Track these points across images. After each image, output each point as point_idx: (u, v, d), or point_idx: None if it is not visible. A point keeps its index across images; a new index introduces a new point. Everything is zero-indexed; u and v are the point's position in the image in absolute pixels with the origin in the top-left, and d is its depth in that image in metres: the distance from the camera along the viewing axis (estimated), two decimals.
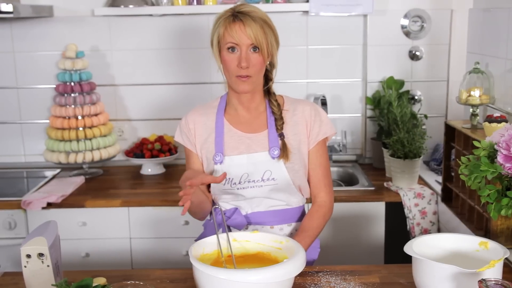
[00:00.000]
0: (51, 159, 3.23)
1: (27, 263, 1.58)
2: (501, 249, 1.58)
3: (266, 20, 1.87)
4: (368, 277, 1.79)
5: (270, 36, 1.87)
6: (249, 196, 1.95)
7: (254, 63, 1.85)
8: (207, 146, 1.98)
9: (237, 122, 1.99)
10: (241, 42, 1.83)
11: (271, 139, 1.94)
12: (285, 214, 2.00)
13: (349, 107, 3.44)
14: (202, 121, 2.00)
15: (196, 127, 2.00)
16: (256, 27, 1.83)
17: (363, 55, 3.38)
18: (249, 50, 1.85)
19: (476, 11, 2.84)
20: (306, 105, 2.01)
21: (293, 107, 2.00)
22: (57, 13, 3.34)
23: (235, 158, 1.93)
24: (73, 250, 2.90)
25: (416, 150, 2.89)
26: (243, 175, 1.93)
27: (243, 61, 1.83)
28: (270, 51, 1.89)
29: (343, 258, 2.89)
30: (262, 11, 1.90)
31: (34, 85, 3.44)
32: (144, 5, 3.20)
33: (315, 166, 2.00)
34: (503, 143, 1.60)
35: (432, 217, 2.85)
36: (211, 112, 2.01)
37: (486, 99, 2.56)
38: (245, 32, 1.82)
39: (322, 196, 2.02)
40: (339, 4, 3.22)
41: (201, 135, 1.99)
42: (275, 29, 1.92)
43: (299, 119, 1.98)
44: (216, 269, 1.48)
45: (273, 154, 1.92)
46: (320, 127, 1.98)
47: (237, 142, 1.95)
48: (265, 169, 1.93)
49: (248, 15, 1.84)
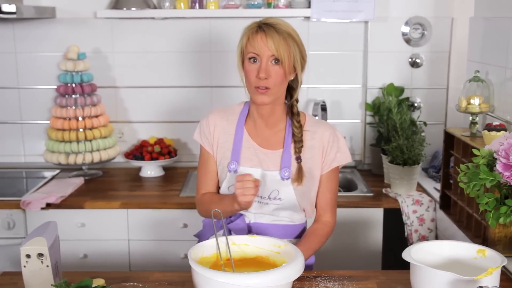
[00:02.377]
0: (51, 159, 3.24)
1: (27, 263, 1.58)
2: (498, 257, 1.59)
3: (291, 33, 1.84)
4: (366, 283, 1.79)
5: (294, 49, 1.85)
6: (254, 211, 1.97)
7: (274, 75, 1.83)
8: (223, 152, 1.99)
9: (256, 135, 1.99)
10: (261, 52, 1.82)
11: (284, 160, 1.94)
12: (287, 230, 2.01)
13: (349, 113, 3.45)
14: (223, 125, 2.01)
15: (216, 129, 2.00)
16: (278, 38, 1.81)
17: (364, 61, 3.39)
18: (270, 61, 1.83)
19: (477, 20, 2.85)
20: (326, 130, 1.99)
21: (314, 130, 1.99)
22: (60, 15, 3.35)
23: (248, 170, 1.93)
24: (72, 251, 2.90)
25: (415, 157, 2.90)
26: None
27: (262, 71, 1.82)
28: (292, 64, 1.86)
29: (341, 264, 2.90)
30: (290, 25, 1.88)
31: (35, 86, 3.44)
32: (146, 8, 3.21)
33: (325, 190, 2.01)
34: (502, 151, 1.61)
35: (430, 224, 2.86)
36: (233, 118, 2.01)
37: (485, 107, 2.57)
38: (266, 43, 1.81)
39: (328, 217, 2.04)
40: (340, 10, 3.24)
41: (219, 138, 2.00)
42: (301, 44, 1.89)
43: (316, 144, 1.97)
44: (215, 272, 1.49)
45: (284, 175, 1.92)
46: (336, 154, 1.98)
47: (252, 155, 1.96)
48: (273, 188, 1.94)
49: (273, 26, 1.83)
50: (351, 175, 3.34)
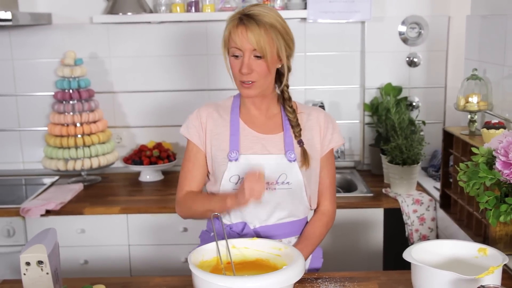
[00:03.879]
0: (50, 166, 3.23)
1: (27, 270, 1.57)
2: (500, 256, 1.58)
3: (273, 23, 1.79)
4: (367, 284, 1.79)
5: (277, 40, 1.80)
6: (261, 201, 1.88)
7: (257, 70, 1.81)
8: (218, 144, 1.93)
9: (252, 123, 1.95)
10: (243, 47, 1.79)
11: (287, 142, 1.91)
12: (292, 226, 1.97)
13: (347, 113, 3.45)
14: (215, 117, 1.96)
15: (208, 121, 1.96)
16: (259, 32, 1.76)
17: (361, 61, 3.39)
18: (252, 56, 1.80)
19: (473, 18, 2.85)
20: (320, 112, 2.00)
21: (308, 112, 1.98)
22: (56, 21, 3.35)
23: (251, 157, 1.89)
24: (72, 257, 2.90)
25: (414, 156, 2.90)
26: None
27: (244, 67, 1.79)
28: (276, 56, 1.82)
29: (342, 265, 2.89)
30: (273, 14, 1.81)
31: (32, 93, 3.44)
32: (142, 12, 3.21)
33: (323, 174, 1.99)
34: (501, 149, 1.60)
35: (431, 223, 2.86)
36: (225, 111, 1.98)
37: (484, 105, 2.56)
38: (247, 37, 1.77)
39: (326, 205, 2.01)
40: (337, 11, 3.24)
41: (211, 130, 1.95)
42: (286, 32, 1.83)
43: (313, 125, 1.96)
44: (215, 276, 1.49)
45: (290, 157, 1.89)
46: (333, 135, 1.97)
47: (252, 142, 1.92)
48: (281, 172, 1.89)
49: (254, 18, 1.78)
50: (350, 175, 3.34)
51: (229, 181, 1.91)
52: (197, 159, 1.97)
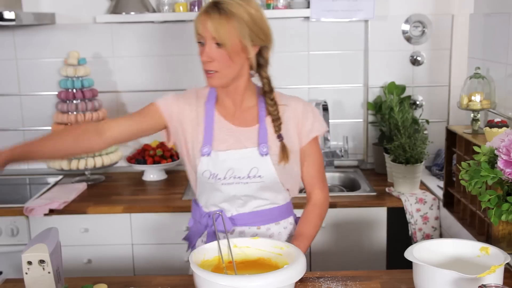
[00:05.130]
0: (53, 165, 3.24)
1: (28, 269, 1.58)
2: (502, 255, 1.58)
3: (238, 12, 1.74)
4: (369, 283, 1.78)
5: (242, 30, 1.75)
6: (233, 192, 1.90)
7: (217, 58, 1.77)
8: (195, 136, 1.91)
9: (227, 114, 1.92)
10: (204, 34, 1.76)
11: (261, 135, 1.88)
12: (271, 214, 1.96)
13: (350, 112, 3.44)
14: (193, 108, 1.93)
15: (185, 110, 1.92)
16: (219, 20, 1.73)
17: (365, 60, 3.38)
18: (213, 44, 1.76)
19: (477, 16, 2.84)
20: (298, 102, 1.96)
21: (285, 103, 1.94)
22: (59, 21, 3.36)
23: (221, 153, 1.87)
24: (76, 257, 2.90)
25: (418, 155, 2.89)
26: (229, 171, 1.87)
27: (204, 55, 1.77)
28: (240, 46, 1.77)
29: (345, 264, 2.89)
30: (243, 3, 1.76)
31: (36, 92, 3.45)
32: (145, 12, 3.21)
33: (308, 164, 1.97)
34: (503, 148, 1.60)
35: (434, 222, 2.85)
36: (201, 101, 1.94)
37: (487, 104, 2.56)
38: (206, 24, 1.74)
39: (317, 194, 1.99)
40: (340, 10, 3.23)
41: (188, 121, 1.92)
42: (256, 23, 1.79)
43: (290, 116, 1.92)
44: (216, 275, 1.49)
45: (262, 151, 1.86)
46: (314, 124, 1.94)
47: (226, 135, 1.90)
48: (252, 166, 1.87)
49: (218, 6, 1.75)
50: (354, 174, 3.34)
51: (203, 175, 1.90)
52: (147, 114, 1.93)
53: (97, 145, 1.90)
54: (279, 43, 3.33)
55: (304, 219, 1.98)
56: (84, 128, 1.93)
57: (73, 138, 1.89)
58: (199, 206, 2.02)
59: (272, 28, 1.91)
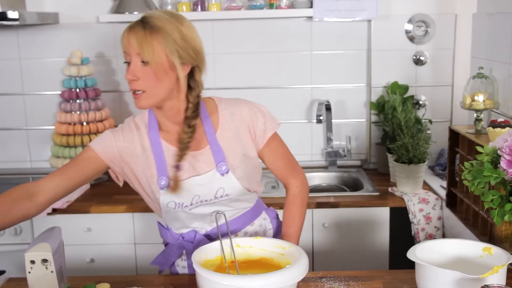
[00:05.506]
0: (57, 165, 3.24)
1: (31, 269, 1.59)
2: (504, 255, 1.58)
3: (164, 27, 1.63)
4: (372, 283, 1.78)
5: (168, 45, 1.63)
6: (203, 212, 1.83)
7: (143, 77, 1.64)
8: (147, 169, 1.79)
9: (174, 140, 1.79)
10: (128, 51, 1.65)
11: (216, 154, 1.79)
12: (244, 218, 1.92)
13: (353, 112, 3.44)
14: (137, 140, 1.80)
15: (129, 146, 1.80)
16: (143, 35, 1.61)
17: (367, 60, 3.38)
18: (138, 61, 1.64)
19: (480, 16, 2.84)
20: (244, 106, 1.85)
21: (230, 111, 1.84)
22: (63, 20, 3.36)
23: (182, 183, 1.76)
24: (78, 256, 2.91)
25: (421, 155, 2.89)
26: (194, 197, 1.79)
27: (128, 73, 1.65)
28: (167, 63, 1.65)
29: (348, 264, 2.89)
30: (171, 19, 1.66)
31: (40, 92, 3.46)
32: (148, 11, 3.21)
33: (274, 160, 1.91)
34: (506, 148, 1.60)
35: (437, 222, 2.85)
36: (143, 131, 1.81)
37: (490, 104, 2.55)
38: (129, 40, 1.63)
39: (293, 183, 1.96)
40: (343, 10, 3.23)
41: (133, 156, 1.80)
42: (185, 39, 1.67)
43: (239, 124, 1.83)
44: (219, 275, 1.49)
45: (221, 170, 1.78)
46: (265, 124, 1.86)
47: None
48: (217, 187, 1.79)
49: (143, 21, 1.64)
50: (356, 174, 3.34)
51: (167, 206, 1.81)
52: (84, 163, 1.80)
53: (31, 212, 1.73)
54: (282, 42, 3.36)
55: (288, 210, 1.95)
56: (15, 197, 1.71)
57: (3, 211, 1.67)
58: (168, 229, 1.96)
59: (273, 28, 1.88)
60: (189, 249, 1.90)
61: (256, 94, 3.38)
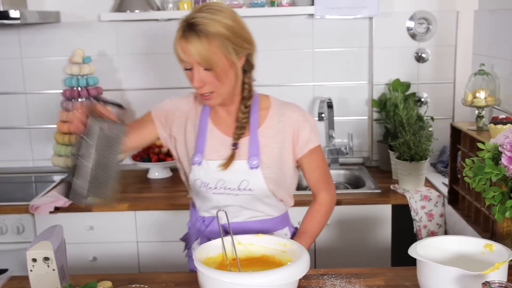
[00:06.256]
0: (59, 163, 3.25)
1: (33, 267, 1.59)
2: (506, 251, 1.57)
3: (217, 31, 1.67)
4: (373, 280, 1.78)
5: (225, 47, 1.68)
6: (224, 202, 1.88)
7: (209, 81, 1.72)
8: (188, 143, 1.90)
9: (220, 124, 1.89)
10: (189, 61, 1.70)
11: (252, 147, 1.84)
12: (266, 224, 1.93)
13: (355, 109, 3.44)
14: (188, 114, 1.92)
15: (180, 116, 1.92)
16: (200, 44, 1.66)
17: (369, 57, 3.38)
18: (200, 68, 1.70)
19: (481, 12, 2.83)
20: (294, 110, 1.90)
21: (280, 112, 1.89)
22: (64, 19, 3.37)
23: (212, 163, 1.85)
24: (81, 254, 2.92)
25: (423, 152, 2.89)
26: (219, 181, 1.85)
27: (195, 81, 1.72)
28: (227, 63, 1.71)
29: (350, 261, 2.89)
30: (218, 17, 1.68)
31: (41, 90, 3.46)
32: (150, 10, 3.22)
33: (311, 171, 1.94)
34: (507, 144, 1.60)
35: (439, 219, 2.85)
36: (198, 108, 1.92)
37: (491, 100, 2.55)
38: (189, 51, 1.67)
39: (323, 195, 1.98)
40: (344, 7, 3.23)
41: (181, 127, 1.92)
42: (236, 34, 1.71)
43: (285, 126, 1.87)
44: (220, 272, 1.49)
45: (252, 164, 1.83)
46: (310, 135, 1.88)
47: (219, 145, 1.87)
48: (242, 178, 1.84)
49: (195, 29, 1.67)
50: (358, 172, 3.33)
51: (195, 183, 1.89)
52: (142, 126, 1.96)
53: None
54: (283, 40, 3.36)
55: (309, 217, 1.97)
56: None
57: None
58: (195, 209, 2.02)
59: (275, 26, 1.88)
60: (203, 232, 1.94)
61: (258, 92, 3.37)
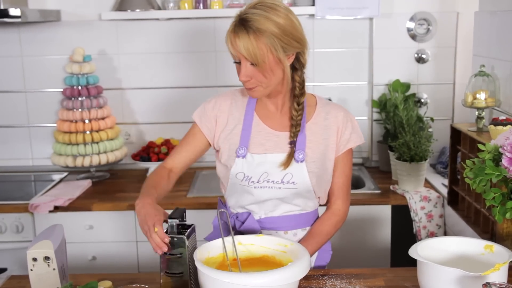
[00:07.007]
0: (58, 162, 3.25)
1: (33, 266, 1.59)
2: (506, 253, 1.58)
3: (267, 28, 1.69)
4: (373, 281, 1.79)
5: (274, 44, 1.70)
6: (265, 197, 1.88)
7: (255, 76, 1.75)
8: (231, 138, 1.91)
9: (267, 117, 1.91)
10: (236, 54, 1.74)
11: (299, 141, 1.86)
12: (300, 219, 1.95)
13: (355, 110, 3.44)
14: (231, 109, 1.94)
15: (223, 113, 1.94)
16: (248, 40, 1.69)
17: (369, 58, 3.38)
18: (247, 63, 1.74)
19: (481, 14, 2.83)
20: (340, 110, 1.93)
21: (327, 110, 1.92)
22: (65, 18, 3.36)
23: (257, 156, 1.86)
24: (80, 253, 2.92)
25: (422, 153, 2.89)
26: (263, 174, 1.86)
27: (242, 75, 1.76)
28: (275, 60, 1.73)
29: (350, 262, 2.89)
30: (269, 14, 1.70)
31: (41, 89, 3.46)
32: (150, 9, 3.22)
33: (338, 174, 1.94)
34: (507, 146, 1.60)
35: (439, 220, 2.85)
36: (242, 102, 1.94)
37: (491, 102, 2.55)
38: (237, 46, 1.71)
39: (339, 204, 1.97)
40: (345, 7, 3.23)
41: (225, 122, 1.93)
42: (286, 32, 1.72)
43: (331, 124, 1.90)
44: (221, 272, 1.49)
45: (298, 157, 1.85)
46: (351, 135, 1.91)
47: (264, 139, 1.88)
48: (287, 171, 1.85)
49: (244, 25, 1.70)
50: (358, 172, 3.34)
51: (236, 177, 1.89)
52: (195, 139, 1.97)
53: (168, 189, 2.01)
54: None
55: (320, 223, 1.96)
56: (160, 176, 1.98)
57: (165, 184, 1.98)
58: (226, 206, 2.02)
59: None
60: (238, 229, 1.94)
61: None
